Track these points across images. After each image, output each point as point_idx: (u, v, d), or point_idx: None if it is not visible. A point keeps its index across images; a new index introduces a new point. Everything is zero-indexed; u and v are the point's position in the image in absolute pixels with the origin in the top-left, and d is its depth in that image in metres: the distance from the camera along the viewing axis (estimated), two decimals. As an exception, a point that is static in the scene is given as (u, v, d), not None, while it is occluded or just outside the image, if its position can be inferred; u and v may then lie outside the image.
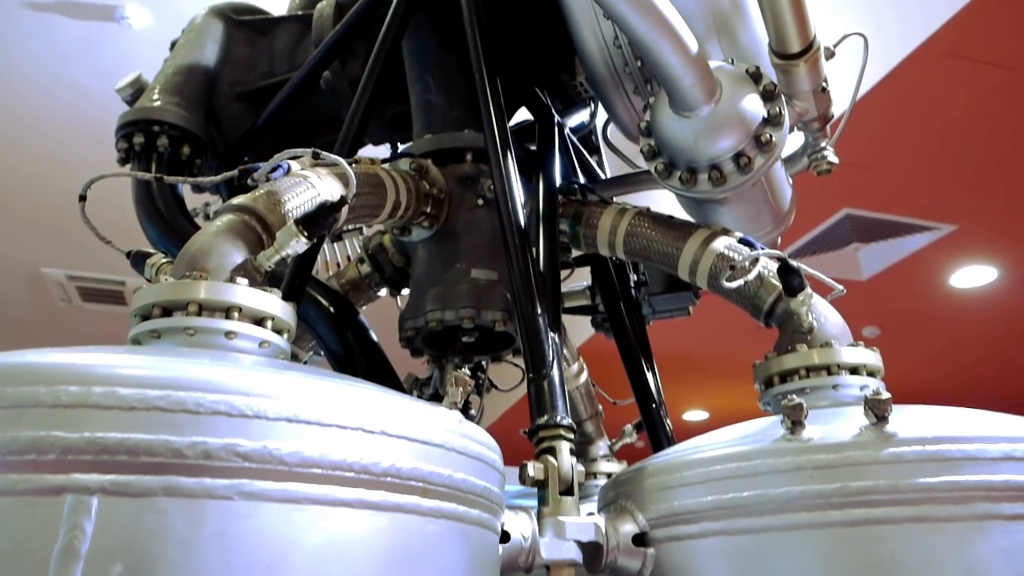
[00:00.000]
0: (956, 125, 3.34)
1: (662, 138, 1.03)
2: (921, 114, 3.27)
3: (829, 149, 1.20)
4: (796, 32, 0.97)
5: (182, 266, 0.75)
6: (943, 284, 4.93)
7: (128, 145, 1.37)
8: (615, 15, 0.92)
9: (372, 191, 1.04)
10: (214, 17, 1.56)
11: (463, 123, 1.27)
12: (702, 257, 1.07)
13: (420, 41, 1.34)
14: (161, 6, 3.66)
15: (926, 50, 2.87)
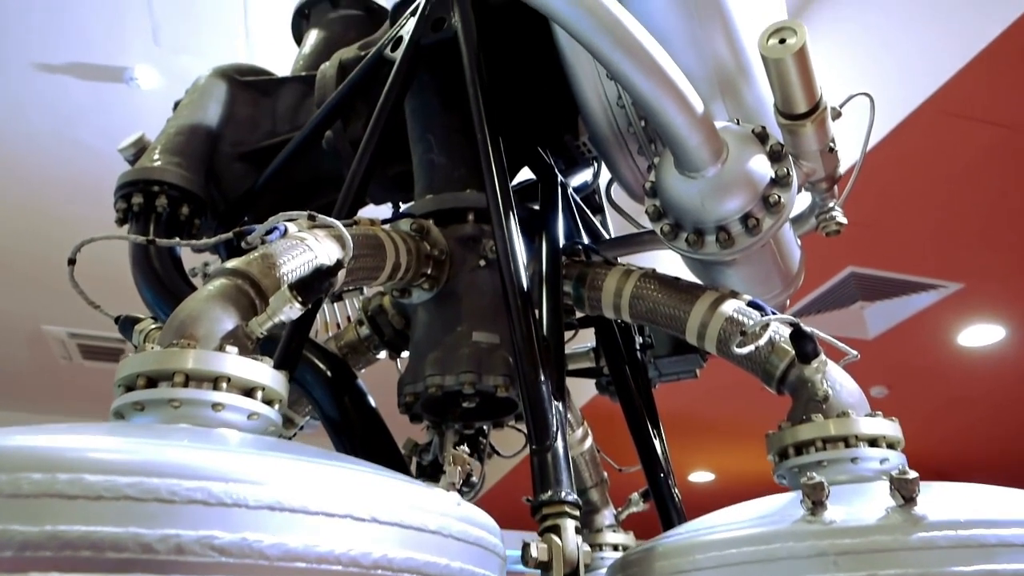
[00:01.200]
0: (959, 184, 3.35)
1: (668, 199, 1.01)
2: (924, 172, 3.28)
3: (838, 210, 1.18)
4: (802, 93, 0.96)
5: (170, 333, 0.72)
6: (951, 343, 4.87)
7: (127, 205, 1.35)
8: (619, 76, 0.90)
9: (371, 253, 1.01)
10: (218, 78, 1.57)
11: (465, 183, 1.25)
12: (710, 321, 1.04)
13: (422, 101, 1.33)
14: (170, 68, 3.72)
15: (927, 109, 2.89)
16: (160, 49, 3.67)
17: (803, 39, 0.91)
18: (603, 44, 0.88)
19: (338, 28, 1.68)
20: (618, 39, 0.87)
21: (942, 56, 2.80)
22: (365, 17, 1.70)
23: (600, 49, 0.89)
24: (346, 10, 1.70)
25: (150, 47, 3.65)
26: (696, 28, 1.05)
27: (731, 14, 1.07)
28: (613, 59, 0.88)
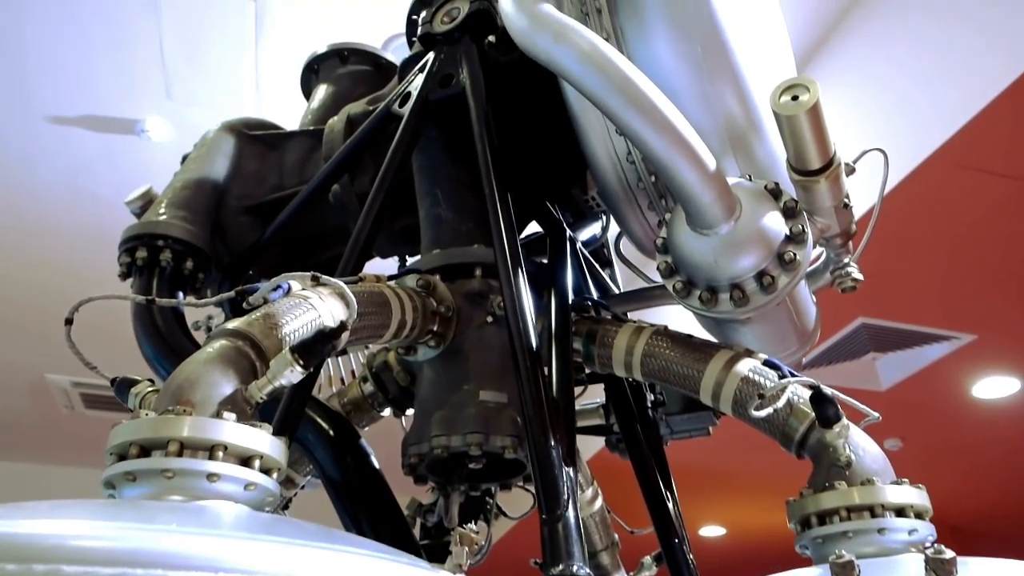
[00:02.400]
0: (969, 235, 3.33)
1: (680, 256, 0.99)
2: (934, 224, 3.26)
3: (853, 266, 1.15)
4: (816, 150, 0.94)
5: (166, 399, 0.69)
6: (965, 394, 4.79)
7: (131, 259, 1.34)
8: (630, 134, 0.89)
9: (376, 311, 0.99)
10: (226, 132, 1.57)
11: (473, 237, 1.24)
12: (725, 380, 1.01)
13: (430, 155, 1.33)
14: (181, 120, 3.77)
15: (937, 160, 2.89)
16: (171, 102, 3.72)
17: (816, 96, 0.90)
18: (614, 102, 0.87)
19: (347, 83, 1.69)
20: (629, 97, 0.86)
21: (952, 107, 2.81)
22: (374, 72, 1.72)
23: (611, 107, 0.88)
24: (355, 66, 1.72)
25: (161, 100, 3.71)
26: (706, 84, 1.05)
27: (741, 70, 1.07)
28: (624, 117, 0.87)
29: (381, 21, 3.42)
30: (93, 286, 1.19)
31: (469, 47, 1.25)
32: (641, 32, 1.06)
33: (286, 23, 3.42)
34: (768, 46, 1.25)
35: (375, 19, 3.40)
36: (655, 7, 1.05)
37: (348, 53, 1.72)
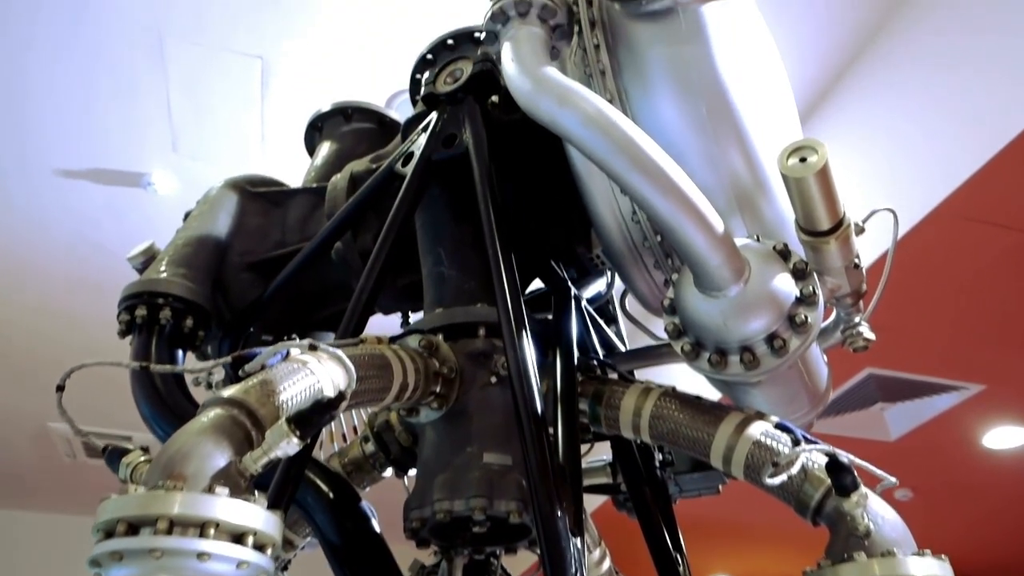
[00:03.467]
0: (975, 286, 3.31)
1: (688, 318, 0.97)
2: (939, 275, 3.25)
3: (864, 325, 1.13)
4: (825, 211, 0.93)
5: (157, 472, 0.67)
6: (975, 444, 4.71)
7: (130, 317, 1.33)
8: (636, 196, 0.88)
9: (377, 373, 0.97)
10: (229, 189, 1.57)
11: (476, 296, 1.22)
12: (737, 445, 0.98)
13: (433, 214, 1.32)
14: (187, 173, 3.81)
15: (942, 212, 2.88)
16: (177, 155, 3.76)
17: (824, 158, 0.89)
18: (619, 165, 0.86)
19: (350, 141, 1.69)
20: (634, 160, 0.86)
21: (958, 159, 2.82)
22: (377, 130, 1.73)
23: (616, 170, 0.87)
24: (359, 123, 1.73)
25: (168, 153, 3.74)
26: (711, 145, 1.04)
27: (747, 130, 1.06)
28: (630, 180, 0.86)
29: (385, 77, 3.49)
30: (96, 336, 1.18)
31: (472, 107, 1.25)
32: (645, 93, 1.06)
33: (292, 79, 3.47)
34: (772, 102, 1.25)
35: (380, 75, 3.45)
36: (659, 68, 1.05)
37: (352, 111, 1.73)
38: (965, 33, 2.92)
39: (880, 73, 3.33)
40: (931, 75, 3.05)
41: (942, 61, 3.01)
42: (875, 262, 2.44)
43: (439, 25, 3.20)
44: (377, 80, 3.47)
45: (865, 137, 3.36)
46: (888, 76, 3.28)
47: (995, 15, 2.78)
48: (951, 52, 2.97)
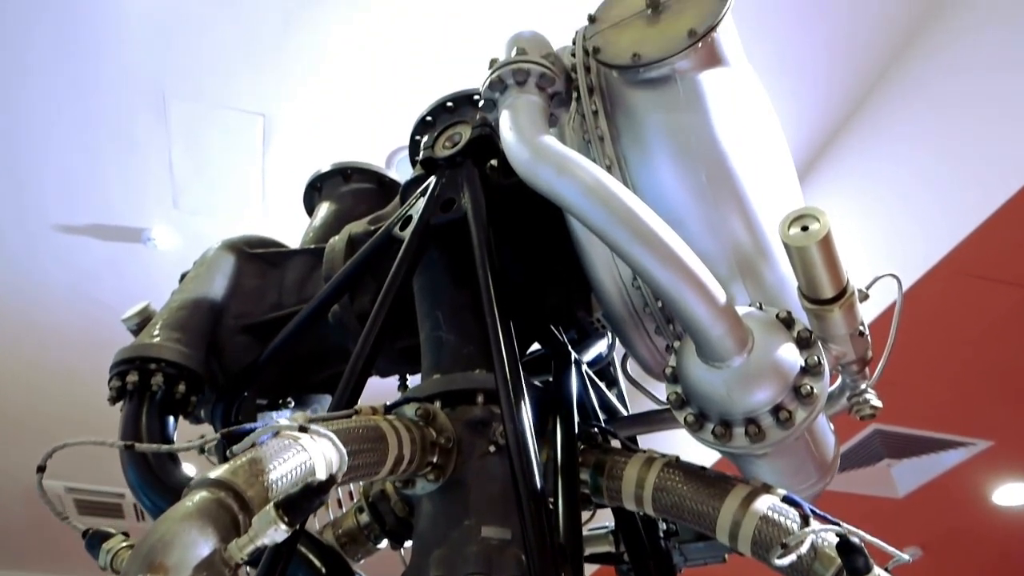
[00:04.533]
0: (980, 342, 3.29)
1: (691, 388, 0.94)
2: (943, 331, 3.23)
3: (871, 392, 1.11)
4: (828, 279, 0.92)
5: (137, 562, 0.64)
6: (985, 501, 4.62)
7: (121, 383, 1.30)
8: (637, 267, 0.87)
9: (372, 447, 0.94)
10: (226, 251, 1.56)
11: (474, 361, 1.20)
12: (743, 520, 0.94)
13: (431, 277, 1.30)
14: (186, 228, 3.82)
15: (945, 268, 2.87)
16: (178, 210, 3.77)
17: (826, 227, 0.88)
18: (619, 236, 0.85)
19: (349, 201, 1.69)
20: (634, 231, 0.84)
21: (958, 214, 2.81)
22: (377, 190, 1.72)
23: (616, 241, 0.86)
24: (358, 184, 1.73)
25: (168, 209, 3.76)
26: (712, 212, 1.03)
27: (747, 196, 1.05)
28: (630, 251, 0.85)
29: (386, 134, 3.52)
30: (93, 389, 1.17)
31: (471, 171, 1.25)
32: (644, 160, 1.05)
33: (293, 135, 3.51)
34: (771, 164, 1.24)
35: (380, 132, 3.49)
36: (658, 135, 1.05)
37: (351, 171, 1.74)
38: (967, 86, 2.93)
39: (880, 127, 3.36)
40: (932, 128, 3.06)
41: (943, 114, 3.02)
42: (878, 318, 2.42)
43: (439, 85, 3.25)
44: (377, 137, 3.51)
45: (866, 191, 3.36)
46: (888, 130, 3.30)
47: (997, 70, 2.80)
48: (953, 105, 2.98)
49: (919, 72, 3.19)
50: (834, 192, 3.53)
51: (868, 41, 3.23)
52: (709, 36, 1.01)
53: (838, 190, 3.51)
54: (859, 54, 3.29)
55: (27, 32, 2.99)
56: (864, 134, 3.46)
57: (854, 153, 3.49)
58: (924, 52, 3.16)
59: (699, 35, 1.00)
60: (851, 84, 3.42)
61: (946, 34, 3.05)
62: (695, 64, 1.04)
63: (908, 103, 3.22)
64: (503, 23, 3.06)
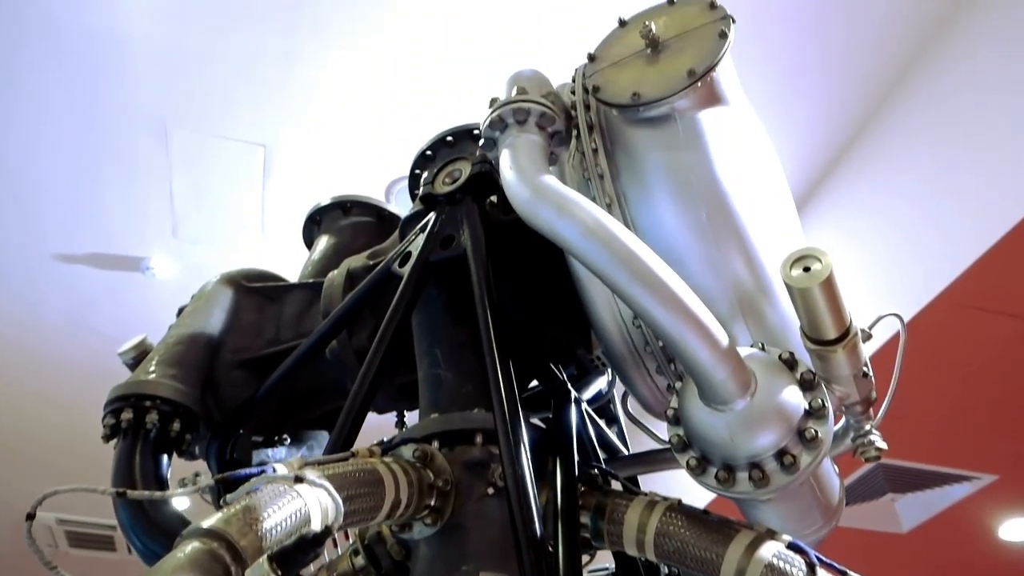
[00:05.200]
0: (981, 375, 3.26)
1: (693, 431, 0.93)
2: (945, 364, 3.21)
3: (876, 433, 1.09)
4: (831, 321, 0.91)
5: (125, 618, 0.62)
6: (991, 535, 4.56)
7: (115, 421, 1.28)
8: (636, 308, 0.86)
9: (368, 491, 0.92)
10: (224, 285, 1.55)
11: (473, 400, 1.18)
12: (748, 567, 0.92)
13: (430, 314, 1.29)
14: (185, 257, 3.81)
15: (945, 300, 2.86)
16: (177, 240, 3.77)
17: (829, 268, 0.87)
18: (620, 278, 0.84)
19: (348, 235, 1.69)
20: (635, 273, 0.84)
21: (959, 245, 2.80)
22: (376, 224, 1.72)
23: (616, 283, 0.85)
24: (357, 217, 1.72)
25: (168, 238, 3.76)
26: (712, 250, 1.02)
27: (748, 234, 1.05)
28: (631, 293, 0.84)
29: (386, 165, 3.54)
30: (90, 423, 1.16)
31: (471, 207, 1.24)
32: (644, 198, 1.05)
33: (294, 166, 3.52)
34: (771, 200, 1.24)
35: (380, 163, 3.50)
36: (658, 173, 1.04)
37: (350, 205, 1.73)
38: (966, 116, 2.93)
39: (878, 157, 3.36)
40: (931, 159, 3.06)
41: (942, 144, 3.02)
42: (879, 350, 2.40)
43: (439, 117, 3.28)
44: (377, 168, 3.52)
45: (865, 222, 3.36)
46: (886, 160, 3.30)
47: (997, 100, 2.80)
48: (952, 135, 2.98)
49: (917, 102, 3.20)
50: (832, 223, 3.53)
51: (866, 71, 3.25)
52: (708, 76, 1.01)
53: (836, 220, 3.51)
54: (857, 84, 3.31)
55: (30, 61, 3.01)
56: (862, 164, 3.46)
57: (852, 183, 3.49)
58: (922, 82, 3.18)
59: (698, 75, 1.00)
60: (849, 114, 3.44)
61: (944, 64, 3.07)
62: (694, 103, 1.04)
63: (906, 133, 3.23)
64: (503, 57, 3.08)
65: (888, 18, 3.06)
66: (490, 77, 3.09)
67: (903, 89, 3.26)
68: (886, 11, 3.04)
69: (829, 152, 3.59)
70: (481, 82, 3.11)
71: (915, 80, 3.20)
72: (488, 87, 1.10)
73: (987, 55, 2.87)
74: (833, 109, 3.42)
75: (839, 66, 3.25)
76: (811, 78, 3.29)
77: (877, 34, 3.13)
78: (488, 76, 3.10)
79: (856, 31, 3.12)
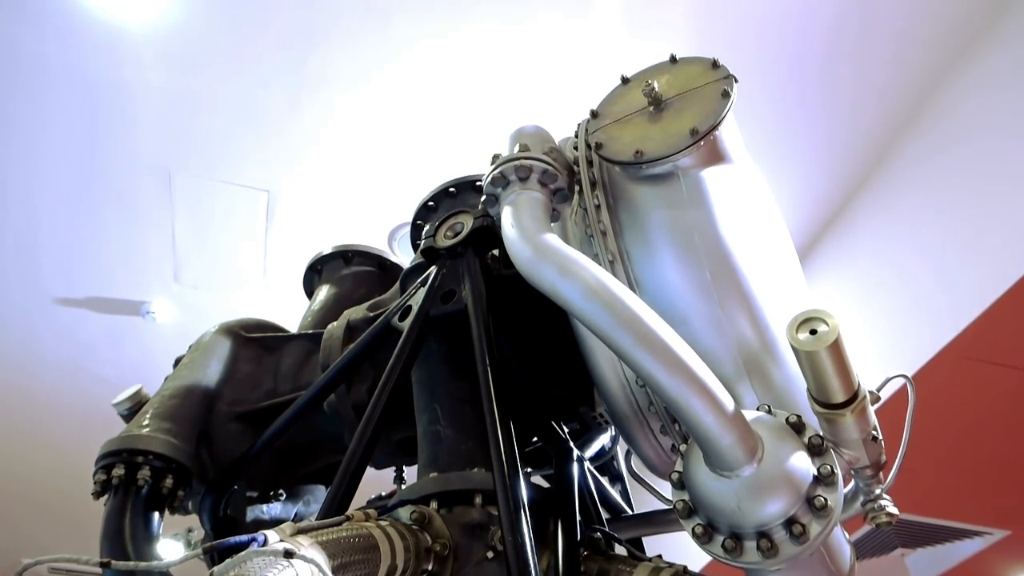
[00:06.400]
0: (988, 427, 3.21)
1: (699, 497, 0.90)
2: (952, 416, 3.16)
3: (886, 498, 1.06)
4: (839, 384, 0.88)
5: None
6: (1003, 591, 4.45)
7: (107, 477, 1.25)
8: (640, 372, 0.84)
9: (364, 558, 0.89)
10: (223, 335, 1.53)
11: (473, 459, 1.15)
12: (756, 640, 0.88)
13: (429, 368, 1.27)
14: (185, 302, 3.80)
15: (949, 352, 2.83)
16: (178, 284, 3.77)
17: (836, 330, 0.85)
18: (623, 341, 0.82)
19: (348, 285, 1.67)
20: (638, 336, 0.82)
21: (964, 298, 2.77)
22: (377, 273, 1.71)
23: (619, 345, 0.83)
24: (358, 267, 1.71)
25: (169, 283, 3.76)
26: (717, 310, 1.01)
27: (753, 293, 1.03)
28: (634, 357, 0.82)
29: (388, 210, 3.55)
30: (84, 468, 1.14)
31: (472, 261, 1.23)
32: (648, 256, 1.04)
33: (297, 211, 3.53)
34: (774, 256, 1.23)
35: (383, 208, 3.51)
36: (661, 232, 1.03)
37: (352, 254, 1.73)
38: (972, 167, 2.91)
39: (881, 208, 3.35)
40: (935, 209, 3.04)
41: (946, 195, 3.01)
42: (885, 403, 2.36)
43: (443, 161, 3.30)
44: (380, 213, 3.53)
45: (868, 273, 3.34)
46: (889, 210, 3.29)
47: (1004, 148, 2.79)
48: (956, 186, 2.97)
49: (920, 153, 3.20)
50: (835, 274, 3.52)
51: (869, 122, 3.27)
52: (711, 135, 1.01)
53: (840, 272, 3.50)
54: (860, 135, 3.33)
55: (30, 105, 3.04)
56: (865, 215, 3.46)
57: (855, 234, 3.48)
58: (925, 134, 3.18)
59: (701, 134, 1.00)
60: (852, 165, 3.45)
61: (947, 117, 3.09)
62: (697, 161, 1.03)
63: (909, 184, 3.23)
64: (507, 105, 3.11)
65: (891, 69, 3.09)
66: (493, 124, 3.11)
67: (906, 140, 3.27)
68: (889, 62, 3.06)
69: (832, 202, 3.59)
70: (484, 129, 3.13)
71: (918, 132, 3.21)
72: (491, 134, 1.10)
73: (990, 107, 2.88)
74: (836, 159, 3.43)
75: (843, 119, 3.27)
76: (815, 127, 3.31)
77: (880, 85, 3.16)
78: (491, 123, 3.12)
79: (860, 82, 3.15)
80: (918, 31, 2.98)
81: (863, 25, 2.97)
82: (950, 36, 2.99)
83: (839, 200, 3.57)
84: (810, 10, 2.92)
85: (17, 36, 2.77)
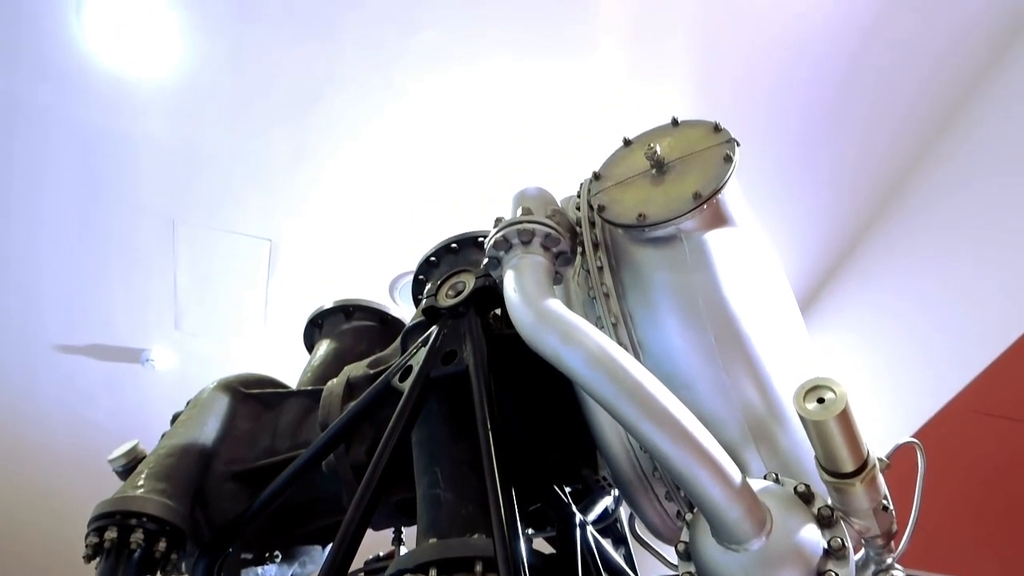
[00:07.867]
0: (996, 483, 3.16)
1: (706, 570, 0.87)
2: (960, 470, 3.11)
3: (898, 568, 1.03)
4: (848, 453, 0.87)
5: None
6: (1015, 649, 4.32)
7: (99, 539, 1.22)
8: (644, 443, 0.82)
9: (360, 633, 0.86)
10: (221, 391, 1.52)
11: (473, 524, 1.13)
12: None
13: (430, 429, 1.25)
14: (185, 349, 3.78)
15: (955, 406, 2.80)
16: (179, 332, 3.76)
17: (844, 399, 0.84)
18: (626, 411, 0.81)
19: (349, 340, 1.66)
20: (642, 406, 0.81)
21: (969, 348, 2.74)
22: (378, 328, 1.70)
23: (623, 415, 0.82)
24: (359, 321, 1.71)
25: (169, 330, 3.75)
26: (722, 374, 0.99)
27: (758, 357, 1.02)
28: (638, 427, 0.81)
29: (390, 260, 3.55)
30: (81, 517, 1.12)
31: (473, 321, 1.22)
32: (651, 318, 1.03)
33: (299, 260, 3.54)
34: (780, 322, 1.22)
35: (384, 258, 3.52)
36: (664, 295, 1.03)
37: (353, 309, 1.72)
38: (976, 217, 2.90)
39: (883, 258, 3.35)
40: (940, 261, 3.03)
41: (951, 246, 2.99)
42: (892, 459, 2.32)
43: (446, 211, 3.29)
44: (383, 263, 3.54)
45: (871, 324, 3.32)
46: (892, 261, 3.28)
47: (1008, 197, 2.78)
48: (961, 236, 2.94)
49: (923, 204, 3.20)
50: (838, 325, 3.50)
51: (872, 170, 3.29)
52: (714, 199, 1.01)
53: (843, 323, 3.48)
54: (863, 183, 3.34)
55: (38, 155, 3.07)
56: (868, 265, 3.45)
57: (858, 284, 3.47)
58: (929, 181, 3.19)
59: (704, 198, 1.00)
60: (854, 215, 3.46)
61: (949, 167, 3.10)
62: (700, 225, 1.03)
63: (913, 234, 3.22)
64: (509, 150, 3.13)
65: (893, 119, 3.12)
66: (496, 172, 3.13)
67: (908, 191, 3.28)
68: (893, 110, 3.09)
69: (834, 253, 3.60)
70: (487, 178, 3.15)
71: (920, 182, 3.22)
72: (494, 182, 1.10)
73: (994, 156, 2.89)
74: (838, 209, 3.44)
75: (846, 166, 3.29)
76: (817, 179, 3.33)
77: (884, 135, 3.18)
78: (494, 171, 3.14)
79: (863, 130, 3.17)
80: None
81: (865, 88, 3.00)
82: (938, 107, 3.02)
83: (840, 252, 3.58)
84: (809, 72, 2.96)
85: (20, 86, 2.81)
